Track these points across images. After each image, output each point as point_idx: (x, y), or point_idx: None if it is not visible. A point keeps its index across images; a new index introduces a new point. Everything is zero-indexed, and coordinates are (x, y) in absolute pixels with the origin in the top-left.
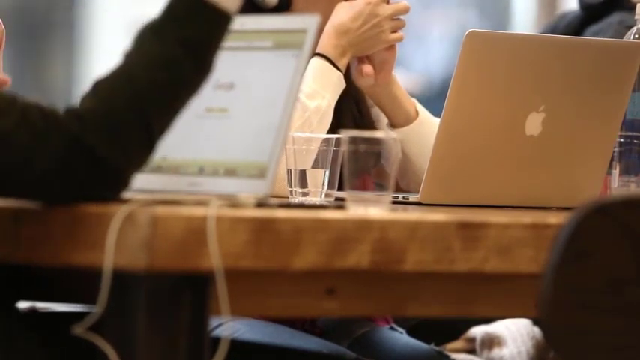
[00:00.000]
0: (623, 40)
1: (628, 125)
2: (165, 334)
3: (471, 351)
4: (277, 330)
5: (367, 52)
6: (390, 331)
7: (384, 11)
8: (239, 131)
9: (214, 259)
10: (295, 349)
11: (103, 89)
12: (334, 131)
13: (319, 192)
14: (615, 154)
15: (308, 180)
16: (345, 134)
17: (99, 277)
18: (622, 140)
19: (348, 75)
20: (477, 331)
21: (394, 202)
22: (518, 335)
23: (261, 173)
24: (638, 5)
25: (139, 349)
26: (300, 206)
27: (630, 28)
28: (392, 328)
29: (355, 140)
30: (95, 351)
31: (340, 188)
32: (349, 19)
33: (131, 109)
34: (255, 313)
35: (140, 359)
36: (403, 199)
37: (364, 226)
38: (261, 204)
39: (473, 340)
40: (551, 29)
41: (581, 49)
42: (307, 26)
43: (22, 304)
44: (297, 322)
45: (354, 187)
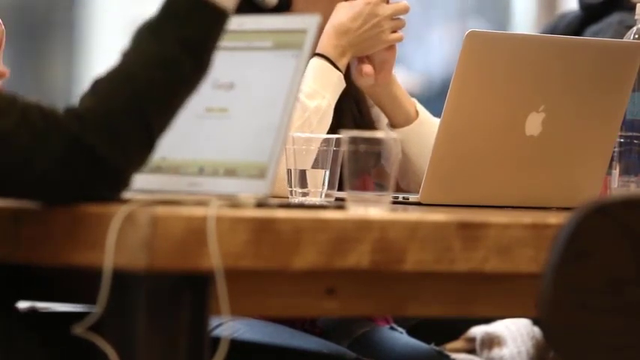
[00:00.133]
0: (623, 40)
1: (628, 125)
2: (166, 334)
3: (471, 351)
4: (277, 330)
5: (367, 52)
6: (390, 331)
7: (383, 11)
8: (239, 131)
9: (214, 259)
10: (295, 349)
11: (102, 89)
12: (334, 131)
13: (319, 192)
14: (615, 154)
15: (308, 180)
16: (345, 134)
17: (99, 277)
18: (622, 140)
19: (348, 75)
20: (477, 331)
21: (394, 202)
22: (518, 335)
23: (261, 173)
24: (638, 5)
25: (139, 349)
26: (300, 206)
27: (630, 28)
28: (392, 328)
29: (355, 140)
30: (95, 351)
31: (340, 188)
32: (349, 19)
33: (130, 109)
34: (255, 313)
35: (140, 359)
36: (403, 199)
37: (364, 226)
38: (261, 204)
39: (473, 340)
40: (551, 29)
41: (581, 49)
42: (307, 26)
43: (22, 304)
44: (297, 322)
45: (354, 187)
